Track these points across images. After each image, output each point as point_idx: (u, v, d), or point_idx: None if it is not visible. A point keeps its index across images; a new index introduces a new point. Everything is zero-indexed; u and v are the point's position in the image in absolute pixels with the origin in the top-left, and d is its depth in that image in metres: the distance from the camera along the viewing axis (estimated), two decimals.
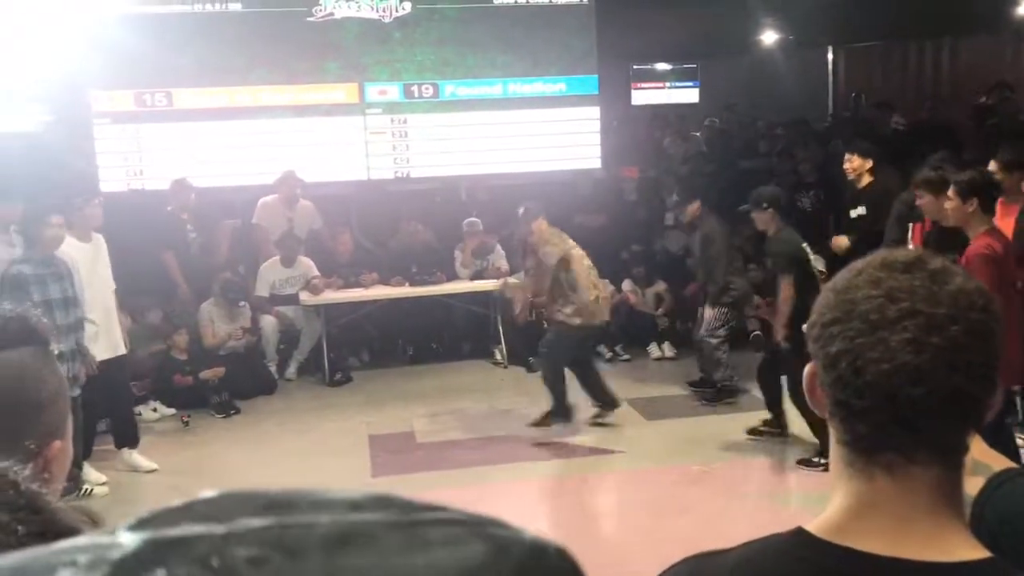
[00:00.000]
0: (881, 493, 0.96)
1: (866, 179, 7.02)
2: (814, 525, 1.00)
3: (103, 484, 6.00)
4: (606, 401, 6.66)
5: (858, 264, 1.00)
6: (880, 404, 0.94)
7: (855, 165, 7.02)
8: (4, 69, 9.14)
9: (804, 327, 1.03)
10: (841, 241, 6.94)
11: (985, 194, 4.83)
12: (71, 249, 5.87)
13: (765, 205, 6.18)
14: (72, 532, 0.65)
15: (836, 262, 7.24)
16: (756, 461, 6.32)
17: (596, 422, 6.63)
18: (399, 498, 0.43)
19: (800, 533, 1.00)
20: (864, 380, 0.93)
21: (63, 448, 1.03)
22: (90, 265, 5.97)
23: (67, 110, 9.39)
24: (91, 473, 6.05)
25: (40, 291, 5.49)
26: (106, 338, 6.08)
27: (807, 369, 1.02)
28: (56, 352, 1.12)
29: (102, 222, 6.20)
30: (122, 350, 6.25)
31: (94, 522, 0.67)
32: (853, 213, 7.12)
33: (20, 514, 0.62)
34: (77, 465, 5.79)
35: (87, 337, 5.85)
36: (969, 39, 13.39)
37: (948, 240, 5.01)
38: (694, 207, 7.28)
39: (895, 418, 0.94)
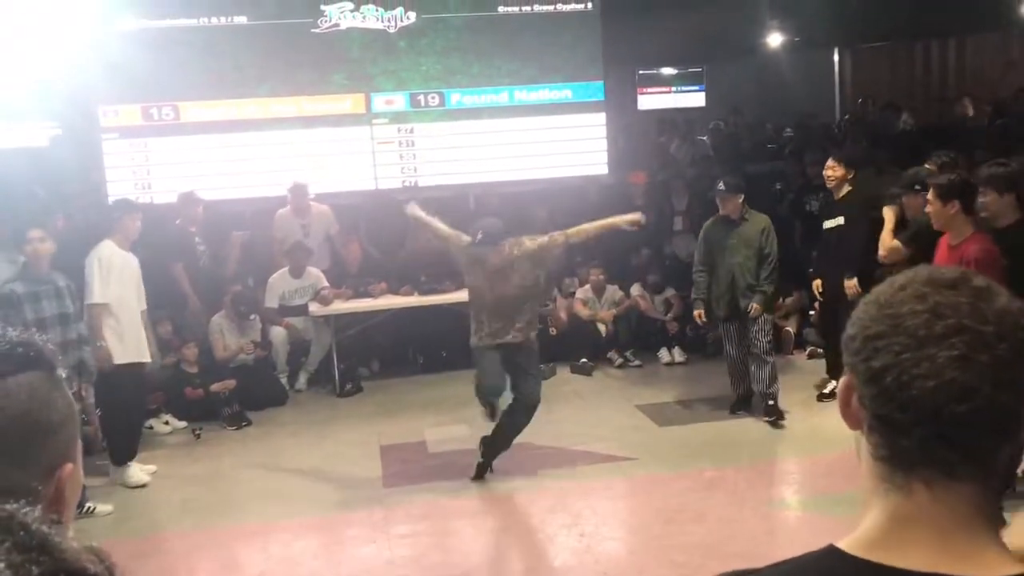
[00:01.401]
0: (919, 508, 0.95)
1: (844, 189, 6.85)
2: (847, 542, 0.98)
3: (143, 485, 6.12)
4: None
5: (900, 279, 0.99)
6: (924, 419, 0.93)
7: (838, 174, 6.82)
8: (13, 84, 9.20)
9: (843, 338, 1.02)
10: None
11: (966, 196, 4.84)
12: (110, 251, 6.06)
13: (918, 188, 5.68)
14: (81, 571, 0.64)
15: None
16: (769, 466, 6.30)
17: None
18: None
19: (833, 551, 0.98)
20: (909, 395, 0.92)
21: (74, 471, 1.03)
22: (128, 273, 6.15)
23: (75, 125, 9.46)
24: (137, 472, 6.17)
25: (34, 309, 5.51)
26: (135, 344, 6.17)
27: (842, 381, 1.01)
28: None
29: (137, 233, 6.33)
30: (147, 358, 6.31)
31: (103, 561, 0.67)
32: (829, 223, 6.94)
33: (32, 554, 0.62)
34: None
35: (109, 336, 5.98)
36: (975, 38, 13.35)
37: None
38: (739, 200, 6.87)
39: (938, 433, 0.93)
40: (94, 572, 0.66)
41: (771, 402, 6.83)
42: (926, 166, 6.07)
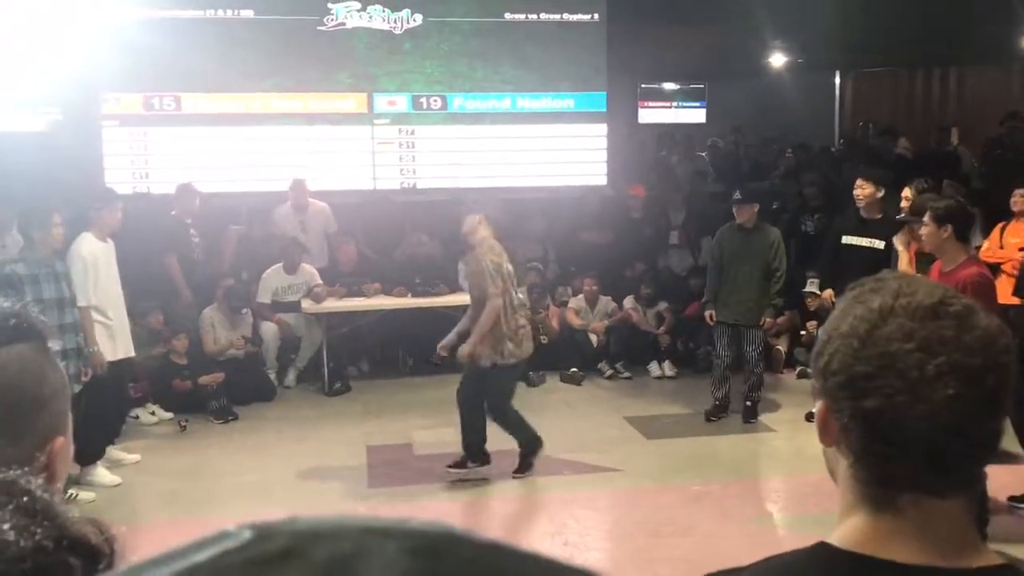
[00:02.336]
0: (908, 523, 0.98)
1: (877, 210, 6.60)
2: (835, 539, 0.99)
3: (118, 485, 6.01)
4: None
5: (876, 301, 0.97)
6: (913, 451, 0.95)
7: (866, 192, 6.64)
8: (16, 69, 9.17)
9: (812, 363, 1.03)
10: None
11: (960, 221, 4.87)
12: (91, 246, 5.96)
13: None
14: (84, 539, 0.64)
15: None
16: (755, 483, 6.30)
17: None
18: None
19: (823, 546, 0.99)
20: (906, 436, 0.94)
21: (65, 444, 1.02)
22: (107, 265, 6.05)
23: (76, 111, 9.42)
24: (104, 473, 6.04)
25: (33, 291, 5.50)
26: (123, 338, 6.16)
27: (819, 407, 1.01)
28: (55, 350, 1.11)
29: (118, 225, 6.25)
30: (132, 353, 6.29)
31: (103, 533, 0.66)
32: (855, 240, 6.76)
33: (36, 518, 0.61)
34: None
35: (101, 335, 5.90)
36: (977, 68, 13.43)
37: None
38: (754, 209, 7.01)
39: (928, 462, 0.96)
40: (95, 542, 0.65)
41: (749, 403, 7.16)
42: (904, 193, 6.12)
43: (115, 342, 6.07)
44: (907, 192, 6.12)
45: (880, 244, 6.52)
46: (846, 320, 0.98)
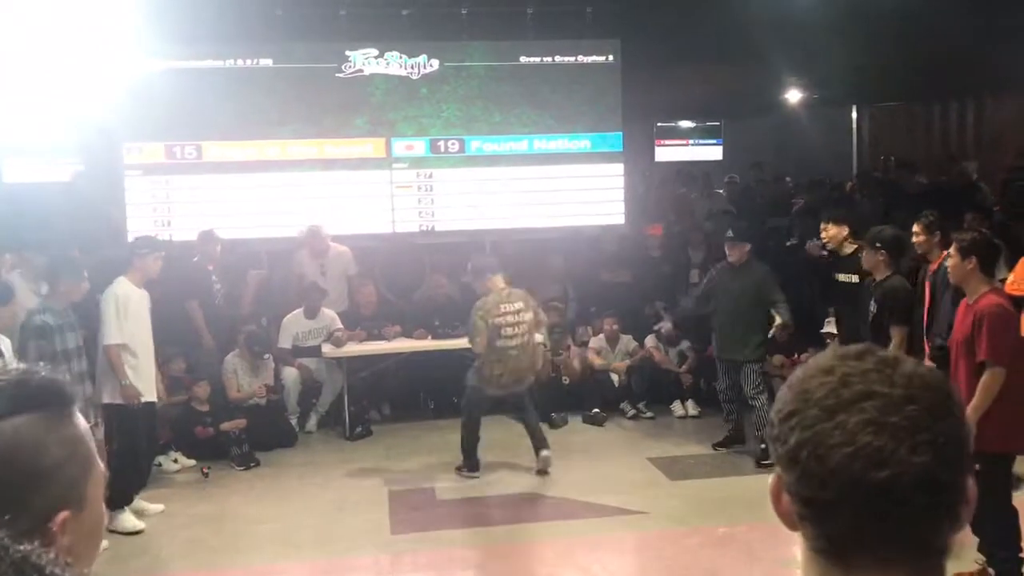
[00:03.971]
0: None
1: (850, 247, 6.77)
2: None
3: (138, 531, 6.01)
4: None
5: (812, 362, 0.99)
6: (847, 494, 0.90)
7: (830, 234, 6.83)
8: (38, 120, 9.34)
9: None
10: None
11: (985, 253, 4.86)
12: (126, 289, 6.11)
13: (879, 245, 5.97)
14: None
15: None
16: (780, 525, 6.20)
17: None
18: None
19: None
20: (827, 468, 0.90)
21: (77, 518, 0.98)
22: (139, 309, 6.19)
23: (99, 161, 9.57)
24: (130, 519, 6.04)
25: (61, 341, 5.58)
26: (146, 381, 6.24)
27: (771, 480, 0.99)
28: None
29: (156, 274, 6.39)
30: (154, 396, 6.38)
31: None
32: (841, 276, 6.90)
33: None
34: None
35: (132, 375, 6.04)
36: (994, 98, 13.40)
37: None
38: (745, 249, 7.26)
39: (866, 511, 0.90)
40: None
41: (763, 446, 7.05)
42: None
43: (140, 382, 6.14)
44: (916, 227, 6.10)
45: (855, 278, 6.66)
46: (786, 382, 1.01)
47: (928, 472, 0.89)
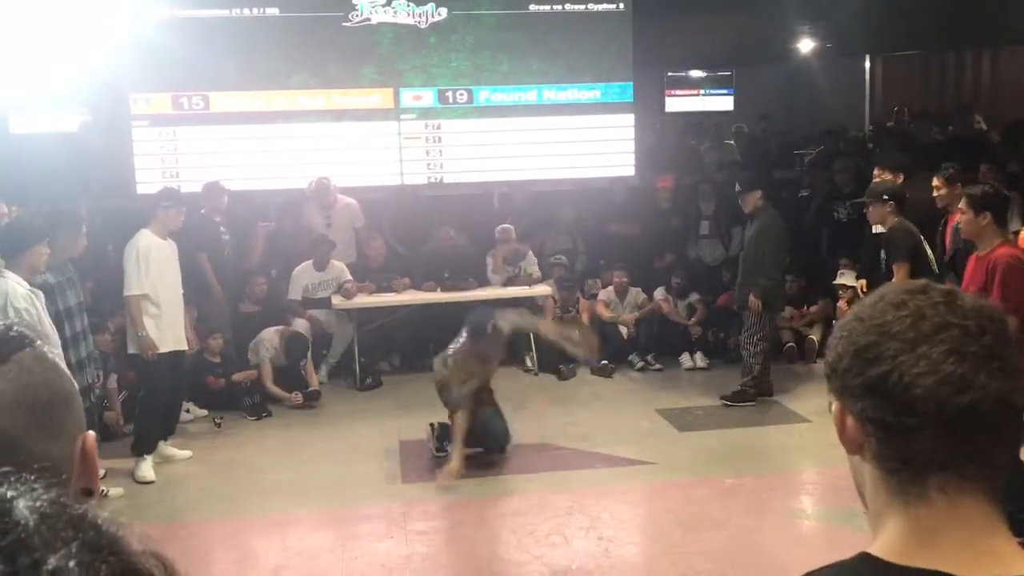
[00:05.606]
0: (939, 518, 0.98)
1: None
2: (877, 549, 1.00)
3: (150, 481, 6.09)
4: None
5: (871, 298, 1.05)
6: (930, 418, 0.96)
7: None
8: (45, 71, 9.28)
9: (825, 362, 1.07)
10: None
11: (998, 207, 4.83)
12: (148, 241, 6.17)
13: (886, 198, 5.96)
14: (147, 575, 0.64)
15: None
16: (789, 476, 6.26)
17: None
18: None
19: (867, 558, 1.00)
20: (913, 394, 0.96)
21: (95, 440, 1.01)
22: (163, 261, 6.23)
23: (106, 112, 9.52)
24: (148, 469, 6.14)
25: (62, 300, 5.55)
26: (172, 332, 6.30)
27: (834, 409, 1.05)
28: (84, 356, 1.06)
29: (178, 226, 6.43)
30: (184, 346, 6.46)
31: (165, 566, 0.66)
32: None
33: (101, 554, 0.62)
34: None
35: (148, 325, 6.09)
36: (1010, 49, 13.19)
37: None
38: (755, 196, 7.21)
39: (945, 431, 0.96)
40: None
41: (737, 387, 7.34)
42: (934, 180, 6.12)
43: (164, 333, 6.19)
44: (937, 181, 6.07)
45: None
46: (846, 316, 1.06)
47: (1003, 396, 0.97)
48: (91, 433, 0.98)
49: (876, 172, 6.87)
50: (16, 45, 8.79)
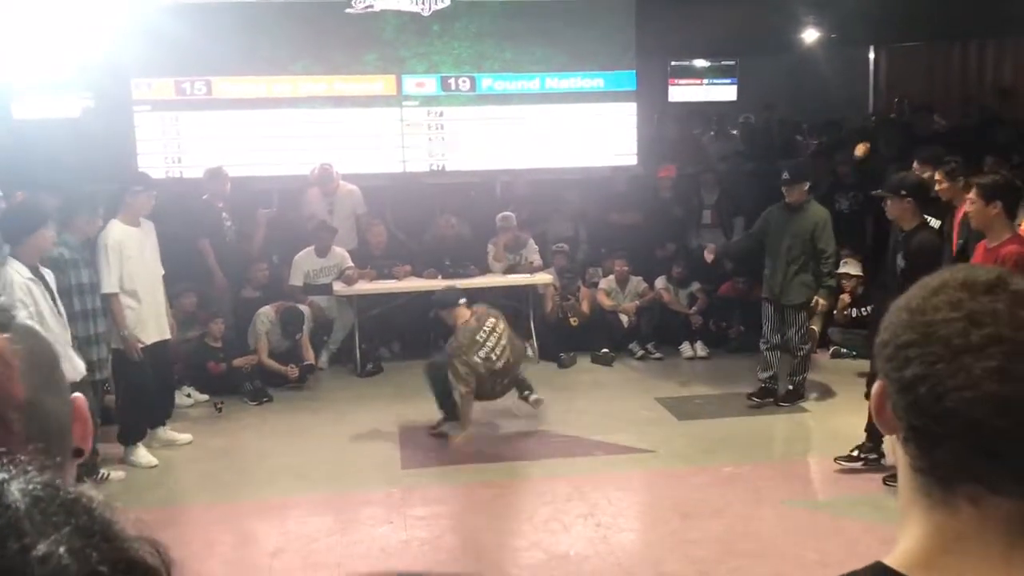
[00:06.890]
0: (966, 526, 0.91)
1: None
2: (895, 560, 0.94)
3: (155, 467, 6.10)
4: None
5: (935, 281, 0.95)
6: (961, 433, 0.89)
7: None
8: (48, 56, 9.26)
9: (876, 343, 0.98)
10: None
11: (1008, 197, 4.78)
12: (118, 234, 6.01)
13: (903, 193, 5.53)
14: (140, 562, 0.63)
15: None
16: (788, 464, 6.27)
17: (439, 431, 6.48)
18: None
19: (883, 570, 0.94)
20: (944, 407, 0.88)
21: (84, 401, 1.02)
22: (138, 250, 6.09)
23: (108, 97, 9.51)
24: (145, 455, 6.14)
25: (76, 276, 5.61)
26: (155, 322, 6.22)
27: (876, 387, 0.97)
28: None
29: (150, 211, 6.30)
30: (167, 335, 6.37)
31: (160, 554, 0.66)
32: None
33: (93, 540, 0.61)
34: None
35: (133, 317, 6.02)
36: (1015, 40, 13.15)
37: None
38: (803, 188, 6.84)
39: (977, 447, 0.89)
40: (153, 564, 0.65)
41: (790, 387, 7.07)
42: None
43: (146, 326, 6.12)
44: (938, 175, 5.98)
45: (935, 224, 6.24)
46: (904, 297, 0.97)
47: None
48: (80, 395, 0.98)
49: (916, 166, 6.53)
50: (19, 30, 8.77)
